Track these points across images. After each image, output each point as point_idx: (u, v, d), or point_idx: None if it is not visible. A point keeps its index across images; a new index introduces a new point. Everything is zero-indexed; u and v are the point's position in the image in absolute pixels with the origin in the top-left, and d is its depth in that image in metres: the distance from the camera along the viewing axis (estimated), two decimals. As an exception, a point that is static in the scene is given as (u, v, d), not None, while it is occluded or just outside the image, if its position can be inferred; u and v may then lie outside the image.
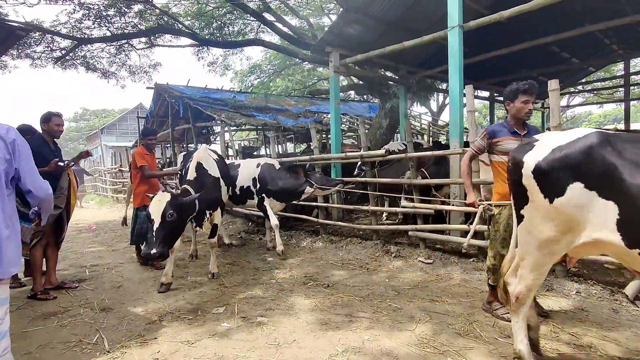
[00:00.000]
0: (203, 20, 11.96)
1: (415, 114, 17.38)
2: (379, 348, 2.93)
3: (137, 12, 10.49)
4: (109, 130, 38.79)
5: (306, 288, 4.35)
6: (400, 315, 3.51)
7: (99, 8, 9.89)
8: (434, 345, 2.93)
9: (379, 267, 5.05)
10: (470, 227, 4.72)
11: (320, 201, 6.72)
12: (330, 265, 5.19)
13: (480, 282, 4.26)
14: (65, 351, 3.09)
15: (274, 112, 12.04)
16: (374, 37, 7.99)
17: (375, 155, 5.81)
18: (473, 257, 4.86)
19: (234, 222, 8.61)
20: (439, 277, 4.55)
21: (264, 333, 3.26)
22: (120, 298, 4.23)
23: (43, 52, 10.55)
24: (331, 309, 3.73)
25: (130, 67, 12.36)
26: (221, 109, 10.96)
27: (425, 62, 9.81)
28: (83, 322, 3.64)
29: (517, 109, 3.25)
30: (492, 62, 8.71)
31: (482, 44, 8.00)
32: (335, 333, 3.21)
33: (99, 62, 11.85)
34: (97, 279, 5.01)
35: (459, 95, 5.58)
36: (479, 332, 3.11)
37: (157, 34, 11.13)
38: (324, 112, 13.46)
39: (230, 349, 3.00)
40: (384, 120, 10.29)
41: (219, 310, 3.80)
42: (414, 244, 5.57)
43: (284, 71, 16.57)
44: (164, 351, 3.01)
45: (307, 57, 10.85)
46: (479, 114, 26.13)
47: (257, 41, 12.04)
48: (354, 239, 6.19)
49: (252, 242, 6.98)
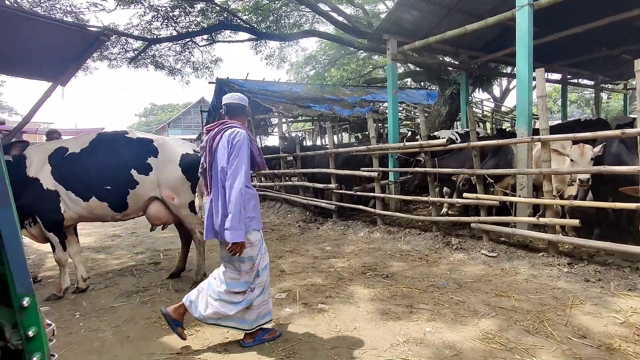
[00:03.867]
0: (260, 14, 12.28)
1: (476, 100, 16.51)
2: (441, 340, 2.90)
3: (199, 11, 11.02)
4: (175, 123, 41.32)
5: (365, 278, 4.39)
6: (463, 309, 3.43)
7: (166, 9, 10.53)
8: (500, 342, 2.83)
9: (439, 259, 4.95)
10: (540, 220, 4.49)
11: (377, 191, 6.69)
12: (389, 256, 5.17)
13: (551, 278, 4.02)
14: (147, 326, 3.41)
15: (330, 103, 12.09)
16: (432, 22, 7.70)
17: (436, 145, 5.64)
18: (542, 251, 4.59)
19: (292, 211, 8.84)
20: (504, 271, 4.36)
21: (325, 320, 3.36)
22: (190, 281, 4.55)
23: (118, 54, 11.47)
24: (391, 299, 3.73)
25: (193, 64, 13.08)
26: (278, 101, 11.23)
27: (488, 46, 9.28)
28: (160, 300, 3.98)
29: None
30: (564, 41, 8.02)
31: (554, 23, 7.38)
32: (395, 323, 3.21)
33: (166, 60, 12.67)
34: (170, 262, 5.43)
35: (527, 80, 5.23)
36: (550, 330, 2.95)
37: (217, 31, 11.61)
38: (380, 100, 13.27)
39: (294, 333, 3.13)
40: (443, 108, 9.95)
41: (281, 296, 3.96)
42: (477, 236, 5.37)
43: (339, 61, 16.52)
44: (232, 331, 3.21)
45: (363, 45, 10.75)
46: (549, 99, 24.21)
47: (313, 32, 12.13)
48: (412, 230, 6.10)
49: (310, 230, 7.14)
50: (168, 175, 4.26)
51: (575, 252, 4.59)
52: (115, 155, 4.18)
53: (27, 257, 2.42)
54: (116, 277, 4.74)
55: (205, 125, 15.27)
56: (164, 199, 4.30)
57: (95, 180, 4.09)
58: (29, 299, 0.85)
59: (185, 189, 4.36)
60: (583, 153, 4.40)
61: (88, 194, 4.09)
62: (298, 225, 7.60)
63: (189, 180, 4.36)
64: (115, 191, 4.14)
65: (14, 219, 0.82)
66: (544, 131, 4.52)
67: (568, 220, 4.50)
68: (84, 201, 4.09)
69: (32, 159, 4.03)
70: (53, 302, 4.05)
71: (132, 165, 4.17)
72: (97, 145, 4.21)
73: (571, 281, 3.89)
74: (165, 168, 4.26)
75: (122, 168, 4.15)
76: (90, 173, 4.07)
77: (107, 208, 4.18)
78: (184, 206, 4.36)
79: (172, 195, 4.29)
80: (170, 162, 4.29)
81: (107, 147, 4.21)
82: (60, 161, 4.08)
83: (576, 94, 27.87)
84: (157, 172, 4.23)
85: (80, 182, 4.06)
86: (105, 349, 3.05)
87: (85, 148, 4.16)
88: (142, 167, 4.20)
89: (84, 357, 2.93)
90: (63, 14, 10.12)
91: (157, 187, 4.26)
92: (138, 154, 4.23)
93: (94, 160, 4.11)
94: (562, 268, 4.17)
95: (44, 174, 4.00)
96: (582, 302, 3.42)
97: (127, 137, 4.34)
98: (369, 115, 7.33)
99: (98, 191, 4.10)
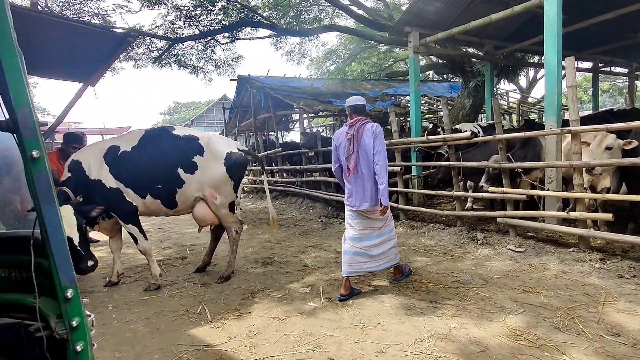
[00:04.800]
0: (280, 10, 12.33)
1: (501, 92, 16.07)
2: (467, 336, 2.87)
3: (220, 9, 11.15)
4: (198, 121, 42.01)
5: (388, 273, 4.37)
6: (490, 305, 3.38)
7: (188, 8, 10.71)
8: (529, 338, 2.77)
9: (464, 254, 4.87)
10: (570, 214, 4.35)
11: (400, 186, 6.63)
12: (412, 251, 5.13)
13: (582, 274, 3.90)
14: (176, 319, 3.52)
15: (351, 97, 12.00)
16: (455, 12, 7.53)
17: (460, 138, 5.53)
18: (573, 246, 4.45)
19: (314, 206, 8.88)
20: (532, 267, 4.25)
21: (349, 314, 3.37)
22: (216, 275, 4.65)
23: (143, 54, 11.75)
24: (415, 294, 3.71)
25: (215, 62, 13.26)
26: (299, 97, 11.24)
27: (515, 35, 8.98)
28: (188, 294, 4.10)
29: None
30: (596, 28, 7.68)
31: (584, 9, 7.08)
32: (420, 318, 3.20)
33: (189, 59, 12.90)
34: (196, 257, 5.56)
35: (556, 69, 5.04)
36: (582, 327, 2.87)
37: (238, 28, 11.72)
38: (402, 94, 13.08)
39: (318, 327, 3.16)
40: (467, 100, 9.73)
41: (305, 290, 4.00)
42: (503, 231, 5.26)
43: (360, 55, 16.43)
44: (257, 325, 3.28)
45: (384, 39, 10.64)
46: (579, 88, 23.32)
47: (333, 27, 12.09)
48: (436, 225, 6.03)
49: (332, 226, 7.16)
50: (212, 174, 4.24)
51: (608, 248, 4.43)
52: (163, 153, 4.18)
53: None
54: (145, 271, 4.90)
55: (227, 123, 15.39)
56: (206, 198, 4.29)
57: (147, 178, 4.14)
58: (72, 291, 0.89)
59: (228, 188, 4.33)
60: (600, 142, 4.28)
61: (144, 192, 4.16)
62: (320, 221, 7.63)
63: (232, 180, 4.33)
64: (165, 189, 4.18)
65: (58, 215, 0.86)
66: (575, 122, 4.36)
67: (600, 215, 4.34)
68: (141, 198, 4.18)
69: (89, 162, 4.09)
70: (88, 295, 4.23)
71: (178, 164, 4.17)
72: (145, 143, 4.23)
73: (604, 277, 3.76)
74: (210, 167, 4.23)
75: (170, 167, 4.16)
76: (142, 171, 4.12)
77: (161, 205, 4.26)
78: (224, 205, 4.36)
79: (215, 195, 4.28)
80: (215, 160, 4.25)
81: (154, 145, 4.22)
82: (115, 160, 4.14)
83: (608, 83, 26.72)
84: (202, 171, 4.22)
85: (136, 180, 4.13)
86: (136, 339, 3.17)
87: (135, 146, 4.20)
88: (188, 165, 4.19)
89: (117, 347, 3.05)
90: (91, 17, 10.45)
91: (202, 187, 4.27)
92: (184, 153, 4.21)
93: (144, 159, 4.15)
94: (593, 264, 4.04)
95: (104, 175, 4.08)
96: (615, 299, 3.30)
97: (173, 134, 4.31)
98: (391, 109, 7.25)
99: (152, 189, 4.17)
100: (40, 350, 1.02)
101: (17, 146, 0.90)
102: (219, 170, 4.25)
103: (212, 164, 4.24)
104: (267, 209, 6.76)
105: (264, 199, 11.04)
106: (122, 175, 4.11)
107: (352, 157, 3.67)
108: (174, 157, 4.17)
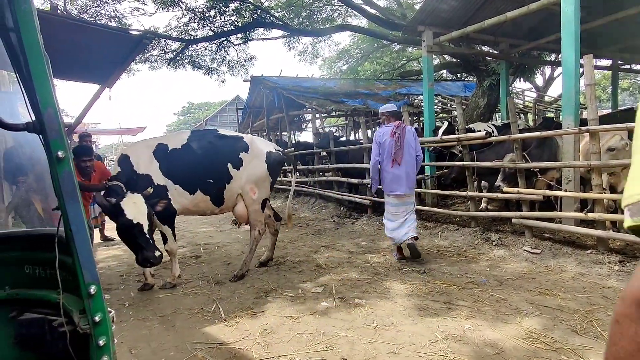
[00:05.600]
0: (293, 11, 12.36)
1: (517, 91, 15.82)
2: (481, 338, 2.84)
3: (233, 10, 11.23)
4: (211, 121, 42.38)
5: (401, 273, 4.35)
6: (505, 307, 3.34)
7: (202, 10, 10.82)
8: (545, 341, 2.73)
9: (478, 255, 4.82)
10: (589, 216, 4.26)
11: (413, 186, 6.59)
12: (425, 252, 5.09)
13: (601, 276, 3.82)
14: (190, 317, 3.57)
15: (363, 97, 11.99)
16: (470, 11, 7.45)
17: (474, 138, 5.47)
18: (591, 248, 4.36)
19: (327, 206, 8.89)
20: (549, 268, 4.19)
21: (362, 314, 3.37)
22: (230, 274, 4.70)
23: (158, 55, 11.92)
24: (428, 295, 3.69)
25: (229, 62, 13.34)
26: (312, 97, 11.26)
27: (531, 33, 8.84)
28: (202, 292, 4.15)
29: None
30: (615, 25, 7.52)
31: (603, 6, 6.93)
32: (433, 319, 3.18)
33: (202, 60, 13.01)
34: (210, 256, 5.63)
35: (573, 67, 4.95)
36: (600, 331, 2.82)
37: (251, 29, 11.80)
38: (415, 93, 13.00)
39: (331, 327, 3.17)
40: (481, 100, 9.61)
41: (318, 290, 4.01)
42: (519, 232, 5.18)
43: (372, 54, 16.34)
44: (271, 324, 3.30)
45: (397, 38, 10.58)
46: (598, 86, 22.79)
47: (345, 26, 12.06)
48: (449, 225, 5.97)
49: (345, 226, 7.15)
50: (255, 170, 4.50)
51: (628, 250, 4.33)
52: (214, 149, 4.40)
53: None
54: (160, 269, 4.98)
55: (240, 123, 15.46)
56: (245, 192, 4.50)
57: (199, 174, 4.29)
58: (95, 287, 0.92)
59: (265, 186, 4.61)
60: (604, 143, 4.32)
61: (194, 188, 4.30)
62: (333, 221, 7.63)
63: (270, 177, 4.61)
64: (216, 185, 4.36)
65: (82, 213, 0.89)
66: (593, 122, 4.28)
67: (620, 216, 4.24)
68: (190, 194, 4.29)
69: (138, 157, 4.21)
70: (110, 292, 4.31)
71: (228, 159, 4.40)
72: (195, 141, 4.41)
73: (623, 280, 3.68)
74: (253, 164, 4.50)
75: (221, 162, 4.38)
76: (194, 167, 4.27)
77: (209, 202, 4.40)
78: (258, 202, 4.60)
79: (254, 190, 4.52)
80: (257, 158, 4.54)
81: (205, 143, 4.42)
82: (165, 157, 4.27)
83: (628, 81, 26.03)
84: (246, 167, 4.47)
85: (186, 176, 4.26)
86: (152, 336, 3.23)
87: (185, 144, 4.37)
88: (236, 161, 4.44)
89: (134, 343, 3.11)
90: (108, 19, 10.64)
91: (244, 183, 4.47)
92: (232, 149, 4.47)
93: (196, 155, 4.32)
94: (612, 266, 3.95)
95: (153, 170, 4.18)
96: (635, 302, 3.23)
97: (220, 134, 4.59)
98: (404, 108, 7.22)
99: (202, 185, 4.31)
100: (63, 344, 1.05)
101: (43, 147, 0.93)
102: (261, 167, 4.55)
103: (254, 161, 4.51)
104: (281, 208, 6.78)
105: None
106: (171, 172, 4.22)
107: (399, 151, 4.60)
108: (223, 153, 4.41)
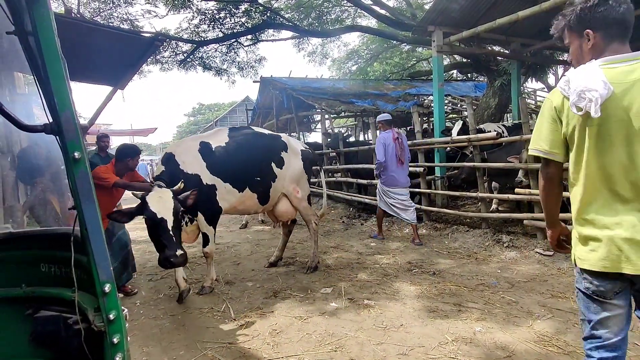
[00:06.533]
0: (302, 12, 12.39)
1: (528, 91, 15.63)
2: (492, 341, 2.81)
3: (243, 12, 11.31)
4: (221, 122, 42.65)
5: (411, 275, 4.34)
6: (516, 309, 3.30)
7: (213, 12, 10.92)
8: (557, 345, 2.70)
9: (489, 257, 4.78)
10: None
11: (423, 187, 6.56)
12: (435, 253, 5.06)
13: (614, 279, 3.75)
14: (200, 316, 3.60)
15: (373, 98, 11.96)
16: (481, 10, 7.38)
17: (485, 139, 5.42)
18: (604, 251, 4.29)
19: (335, 207, 8.89)
20: (561, 271, 4.13)
21: (371, 315, 3.36)
22: (239, 274, 4.74)
23: (169, 57, 12.05)
24: (438, 297, 3.66)
25: (239, 64, 13.43)
26: (321, 98, 11.27)
27: (543, 32, 8.69)
28: (212, 292, 4.18)
29: None
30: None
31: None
32: (443, 321, 3.16)
33: (213, 61, 13.12)
34: (219, 256, 5.67)
35: (587, 67, 4.87)
36: (614, 335, 2.77)
37: (261, 30, 11.86)
38: (425, 94, 12.93)
39: (340, 328, 3.17)
40: (492, 100, 9.52)
41: (327, 290, 4.01)
42: (530, 233, 5.12)
43: (382, 55, 16.30)
44: (280, 324, 3.32)
45: (407, 38, 10.54)
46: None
47: (355, 27, 12.05)
48: (460, 226, 5.93)
49: (354, 227, 7.14)
50: (294, 169, 4.53)
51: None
52: (258, 148, 4.35)
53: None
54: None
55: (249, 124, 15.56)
56: (289, 193, 4.52)
57: (247, 171, 4.23)
58: (109, 285, 0.94)
59: (305, 182, 4.68)
60: None
61: (243, 186, 4.23)
62: (342, 221, 7.63)
63: (307, 174, 4.66)
64: (262, 183, 4.33)
65: (97, 214, 0.91)
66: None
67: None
68: (239, 192, 4.23)
69: (183, 155, 4.02)
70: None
71: (271, 158, 4.40)
72: (236, 139, 4.31)
73: (638, 283, 3.61)
74: (291, 162, 4.52)
75: (265, 160, 4.36)
76: (242, 165, 4.19)
77: (255, 200, 4.35)
78: (304, 199, 4.68)
79: (297, 189, 4.57)
80: (295, 156, 4.57)
81: (247, 141, 4.34)
82: (211, 155, 4.13)
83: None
84: (287, 166, 4.48)
85: (235, 174, 4.16)
86: (163, 335, 3.26)
87: (228, 141, 4.26)
88: (277, 160, 4.45)
89: (145, 342, 3.15)
90: (120, 22, 10.79)
91: (286, 183, 4.49)
92: (273, 148, 4.47)
93: (242, 153, 4.24)
94: (627, 269, 3.88)
95: (202, 170, 4.04)
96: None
97: (258, 132, 4.55)
98: (414, 109, 7.19)
99: (250, 182, 4.26)
100: (78, 341, 1.07)
101: (60, 148, 0.96)
102: (299, 165, 4.58)
103: (292, 160, 4.54)
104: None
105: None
106: (220, 170, 4.09)
107: (402, 153, 5.64)
108: (266, 152, 4.40)
